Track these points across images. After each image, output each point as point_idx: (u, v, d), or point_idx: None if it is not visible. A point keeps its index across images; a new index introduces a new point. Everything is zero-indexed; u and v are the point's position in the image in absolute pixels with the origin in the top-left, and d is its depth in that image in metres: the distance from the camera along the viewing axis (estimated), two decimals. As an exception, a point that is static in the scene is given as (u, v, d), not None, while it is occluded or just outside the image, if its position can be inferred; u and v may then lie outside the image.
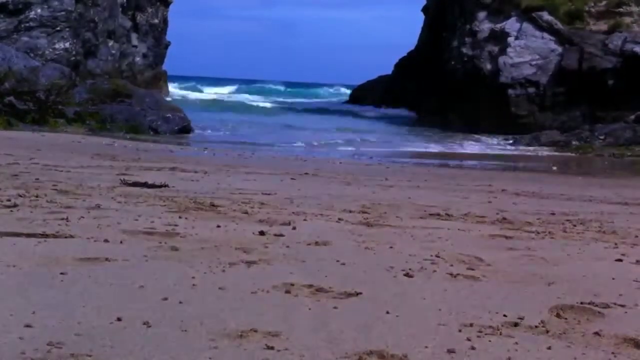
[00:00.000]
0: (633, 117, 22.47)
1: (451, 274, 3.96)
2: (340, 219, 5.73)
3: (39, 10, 24.96)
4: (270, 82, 76.66)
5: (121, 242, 4.36)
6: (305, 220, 5.59)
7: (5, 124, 16.72)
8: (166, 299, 3.22)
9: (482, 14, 27.55)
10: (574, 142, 20.89)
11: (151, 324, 2.85)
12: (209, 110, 29.48)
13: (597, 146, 20.30)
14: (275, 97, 46.94)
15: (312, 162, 12.83)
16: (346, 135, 21.83)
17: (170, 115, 19.38)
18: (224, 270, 3.80)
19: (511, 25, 26.28)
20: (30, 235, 4.38)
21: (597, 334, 3.02)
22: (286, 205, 6.38)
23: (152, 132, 18.53)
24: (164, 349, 2.62)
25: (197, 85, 56.54)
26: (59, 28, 25.08)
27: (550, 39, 25.50)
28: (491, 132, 23.38)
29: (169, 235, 4.64)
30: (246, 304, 3.22)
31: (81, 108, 18.74)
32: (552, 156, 18.62)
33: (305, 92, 65.57)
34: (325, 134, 21.96)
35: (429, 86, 29.96)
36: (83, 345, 2.60)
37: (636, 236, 5.62)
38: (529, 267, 4.29)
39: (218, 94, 50.59)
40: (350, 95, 48.07)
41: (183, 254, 4.13)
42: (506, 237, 5.33)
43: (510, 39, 25.76)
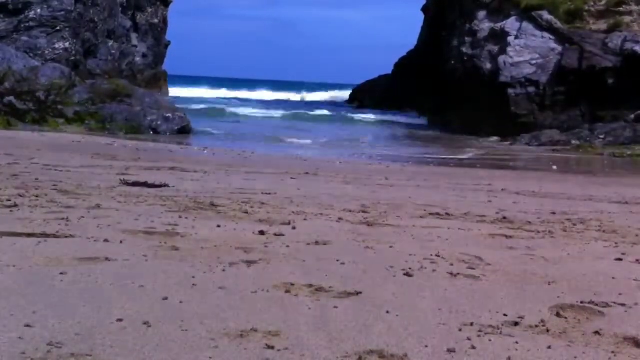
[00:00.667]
0: (633, 116, 22.46)
1: (451, 274, 3.96)
2: (340, 219, 5.73)
3: (38, 10, 24.95)
4: (268, 83, 76.19)
5: (121, 242, 4.36)
6: (305, 220, 5.59)
7: (5, 123, 16.72)
8: (166, 298, 3.22)
9: (482, 14, 27.54)
10: (574, 142, 20.88)
11: (151, 324, 2.85)
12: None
13: (597, 145, 20.29)
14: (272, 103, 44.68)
15: (312, 162, 12.83)
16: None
17: (170, 115, 19.37)
18: (224, 270, 3.80)
19: (511, 24, 26.26)
20: (30, 235, 4.38)
21: (597, 333, 3.02)
22: (286, 205, 6.38)
23: (152, 132, 18.53)
24: (164, 348, 2.62)
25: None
26: (58, 28, 25.08)
27: (550, 38, 25.49)
28: (491, 131, 23.37)
29: (169, 235, 4.64)
30: (246, 303, 3.22)
31: (81, 108, 18.73)
32: (552, 156, 18.62)
33: (303, 89, 65.30)
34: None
35: (429, 86, 29.96)
36: (83, 345, 2.60)
37: (636, 235, 5.62)
38: (529, 266, 4.29)
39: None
40: (350, 95, 48.05)
41: (183, 254, 4.13)
42: (506, 236, 5.33)
43: (510, 39, 25.74)
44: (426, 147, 20.37)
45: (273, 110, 33.99)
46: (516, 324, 3.10)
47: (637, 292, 3.77)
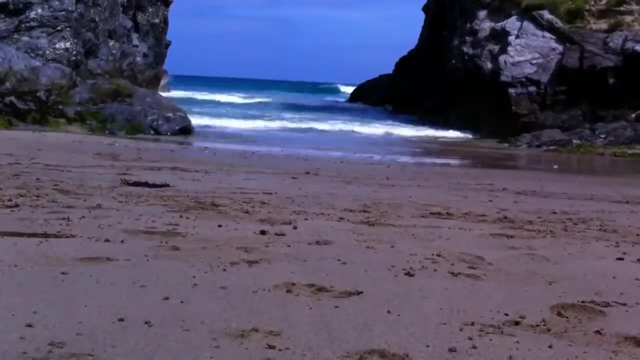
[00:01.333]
0: (634, 115, 22.45)
1: (452, 273, 3.96)
2: (341, 218, 5.73)
3: (39, 10, 24.94)
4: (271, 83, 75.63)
5: (122, 241, 4.36)
6: (306, 219, 5.59)
7: (6, 124, 16.72)
8: (167, 298, 3.22)
9: (482, 13, 27.52)
10: (575, 141, 20.86)
11: (152, 324, 2.85)
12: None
13: (598, 145, 20.28)
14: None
15: (313, 161, 12.83)
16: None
17: (171, 114, 19.37)
18: (225, 270, 3.80)
19: (512, 24, 26.24)
20: (31, 235, 4.39)
21: (598, 332, 3.02)
22: (287, 205, 6.38)
23: (152, 132, 18.52)
24: (166, 348, 2.62)
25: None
26: (59, 28, 25.06)
27: (551, 38, 25.47)
28: (492, 130, 23.36)
29: (170, 235, 4.64)
30: (247, 303, 3.22)
31: (82, 108, 18.73)
32: (553, 155, 18.61)
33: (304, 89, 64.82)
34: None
35: (430, 85, 29.94)
36: (84, 344, 2.60)
37: (637, 235, 5.62)
38: (530, 265, 4.29)
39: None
40: (350, 95, 48.01)
41: (184, 254, 4.13)
42: (507, 236, 5.33)
43: (511, 38, 25.73)
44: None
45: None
46: (517, 323, 3.10)
47: (638, 291, 3.77)
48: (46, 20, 25.01)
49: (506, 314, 3.21)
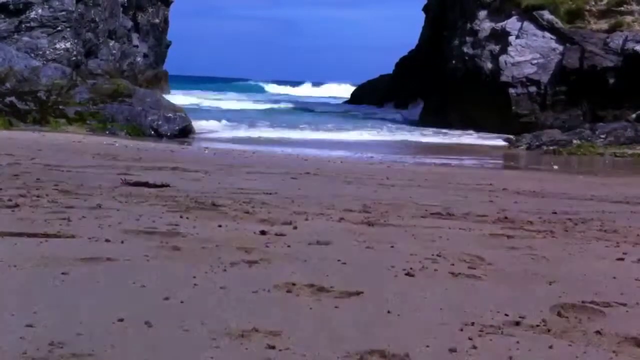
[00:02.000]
0: (634, 116, 22.46)
1: (452, 273, 3.96)
2: (341, 219, 5.73)
3: (39, 11, 24.95)
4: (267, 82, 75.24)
5: (122, 242, 4.36)
6: (306, 219, 5.59)
7: (6, 124, 16.72)
8: (167, 298, 3.22)
9: (482, 13, 27.52)
10: (575, 141, 20.86)
11: (152, 324, 2.85)
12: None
13: (598, 145, 20.28)
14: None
15: (313, 162, 12.83)
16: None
17: (171, 115, 19.36)
18: (225, 270, 3.80)
19: (512, 24, 26.25)
20: (31, 235, 4.38)
21: (598, 332, 3.02)
22: (287, 205, 6.37)
23: (153, 132, 18.52)
24: (166, 348, 2.62)
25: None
26: (59, 28, 25.08)
27: (551, 38, 25.48)
28: (492, 131, 23.36)
29: (171, 235, 4.64)
30: (247, 303, 3.22)
31: (82, 108, 18.73)
32: (553, 155, 18.60)
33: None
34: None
35: (430, 85, 29.94)
36: (84, 345, 2.60)
37: (638, 235, 5.61)
38: (530, 266, 4.29)
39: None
40: (351, 95, 48.01)
41: (184, 254, 4.13)
42: (507, 236, 5.32)
43: (511, 38, 25.74)
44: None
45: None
46: (517, 323, 3.10)
47: (638, 291, 3.77)
48: (46, 20, 25.02)
49: (506, 314, 3.21)
